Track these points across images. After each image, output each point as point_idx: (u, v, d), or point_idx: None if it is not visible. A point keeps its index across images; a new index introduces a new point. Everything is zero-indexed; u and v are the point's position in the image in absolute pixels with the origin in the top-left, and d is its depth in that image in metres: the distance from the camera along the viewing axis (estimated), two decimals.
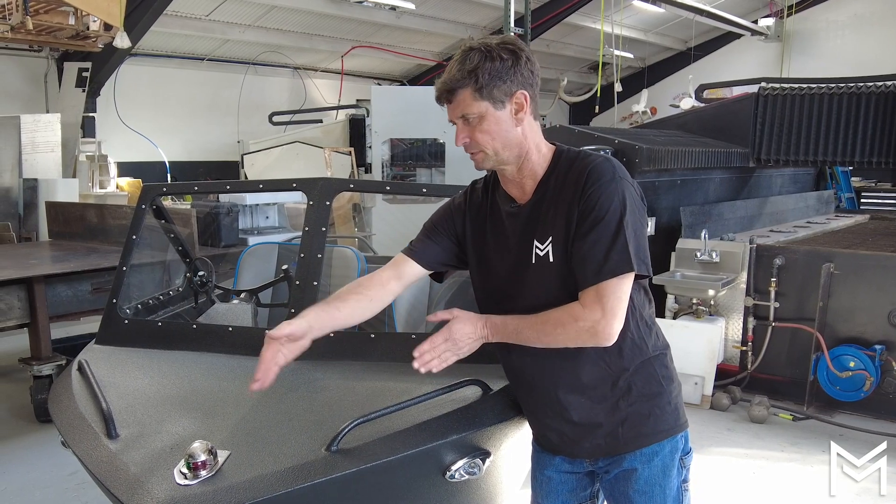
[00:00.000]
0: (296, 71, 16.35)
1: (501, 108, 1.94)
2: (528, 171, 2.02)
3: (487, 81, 1.90)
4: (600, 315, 1.88)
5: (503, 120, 1.95)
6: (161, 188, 3.37)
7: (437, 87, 1.99)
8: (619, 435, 2.04)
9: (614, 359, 2.00)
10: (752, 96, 7.32)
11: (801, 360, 5.49)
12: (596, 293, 1.88)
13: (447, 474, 2.05)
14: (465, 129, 1.98)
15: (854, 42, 16.83)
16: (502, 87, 1.92)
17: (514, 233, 2.06)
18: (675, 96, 15.43)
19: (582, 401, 2.03)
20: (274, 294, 3.72)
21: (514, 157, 2.00)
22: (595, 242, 1.88)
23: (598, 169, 1.92)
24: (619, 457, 2.07)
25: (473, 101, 1.93)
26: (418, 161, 11.17)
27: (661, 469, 2.06)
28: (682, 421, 2.11)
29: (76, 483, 4.16)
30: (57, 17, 8.69)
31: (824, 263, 5.38)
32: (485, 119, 1.94)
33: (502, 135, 1.96)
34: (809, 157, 7.07)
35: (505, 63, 1.92)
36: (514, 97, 1.95)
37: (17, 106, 11.52)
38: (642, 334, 2.04)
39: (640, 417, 2.03)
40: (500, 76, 1.91)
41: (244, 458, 1.83)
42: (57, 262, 5.72)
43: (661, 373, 2.07)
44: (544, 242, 1.98)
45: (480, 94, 1.92)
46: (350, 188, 4.55)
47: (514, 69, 1.93)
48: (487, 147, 1.97)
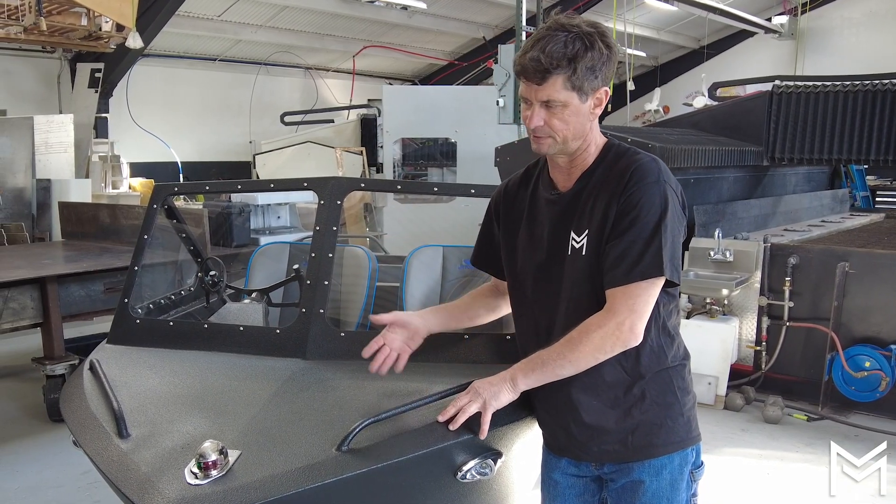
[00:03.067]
0: (307, 71, 16.39)
1: (585, 100, 1.91)
2: (579, 161, 2.01)
3: (584, 73, 1.86)
4: (626, 315, 1.85)
5: (582, 112, 1.93)
6: (172, 188, 3.37)
7: (527, 62, 1.87)
8: (629, 442, 2.00)
9: (632, 363, 1.96)
10: (765, 94, 7.26)
11: (815, 360, 5.44)
12: (624, 293, 1.86)
13: (458, 475, 2.04)
14: (541, 112, 1.91)
15: (869, 39, 16.68)
16: (593, 82, 1.89)
17: (550, 221, 2.03)
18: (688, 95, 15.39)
19: (594, 403, 1.99)
20: (285, 294, 3.71)
21: (576, 149, 1.98)
22: (631, 243, 1.86)
23: (643, 168, 1.90)
24: (626, 465, 2.03)
25: (563, 89, 1.87)
26: (430, 160, 11.18)
27: (669, 482, 2.01)
28: (694, 434, 2.06)
29: (88, 482, 4.18)
30: (69, 18, 8.74)
31: (839, 262, 5.34)
32: (567, 108, 1.90)
33: (577, 126, 1.93)
34: (824, 156, 7.00)
35: (602, 56, 1.88)
36: (598, 93, 1.93)
37: (30, 107, 11.59)
38: (662, 343, 2.00)
39: (652, 427, 1.99)
40: (595, 70, 1.88)
41: (255, 458, 1.82)
42: (70, 262, 5.75)
43: (678, 384, 2.02)
44: (581, 234, 1.95)
45: (572, 83, 1.87)
46: (361, 187, 4.55)
47: (607, 64, 1.90)
48: (559, 135, 1.93)
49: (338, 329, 2.74)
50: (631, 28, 14.77)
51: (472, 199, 2.94)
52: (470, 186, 2.92)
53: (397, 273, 3.79)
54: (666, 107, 16.03)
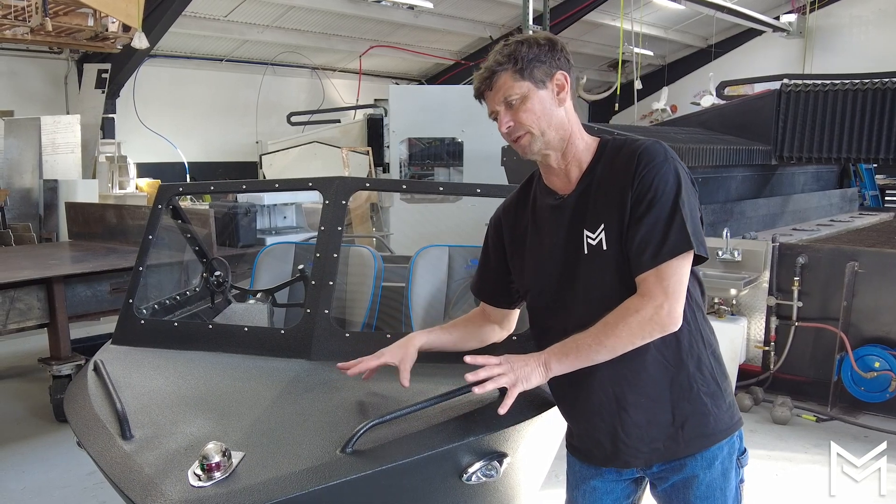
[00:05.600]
0: (314, 71, 16.40)
1: (543, 87, 1.93)
2: (572, 157, 1.99)
3: (527, 63, 1.91)
4: (663, 298, 1.82)
5: (546, 99, 1.93)
6: (177, 188, 3.36)
7: (475, 78, 1.98)
8: (680, 437, 1.95)
9: (672, 351, 1.92)
10: (774, 93, 7.23)
11: (824, 360, 5.40)
12: (656, 276, 1.83)
13: (464, 477, 2.02)
14: (507, 113, 1.94)
15: (878, 37, 16.61)
16: (542, 68, 1.92)
17: (560, 226, 2.00)
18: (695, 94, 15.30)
19: (642, 400, 1.93)
20: (291, 294, 3.70)
21: (559, 141, 1.96)
22: (652, 225, 1.84)
23: (649, 151, 1.89)
24: (677, 462, 1.98)
25: (514, 83, 1.91)
26: (436, 160, 11.16)
27: (721, 473, 1.98)
28: (737, 418, 2.03)
29: (94, 482, 4.17)
30: (76, 18, 8.76)
31: (848, 262, 5.29)
32: (528, 98, 1.92)
33: (546, 113, 1.94)
34: (833, 155, 6.97)
35: (542, 48, 1.93)
36: (555, 78, 1.94)
37: (37, 107, 11.63)
38: (699, 323, 1.97)
39: (701, 417, 1.95)
40: (539, 58, 1.92)
41: (258, 460, 1.81)
42: (76, 263, 5.76)
43: (717, 369, 1.99)
44: (596, 230, 1.93)
45: (521, 74, 1.91)
46: (366, 187, 4.54)
47: (550, 53, 1.94)
48: (533, 126, 1.93)
49: (343, 329, 2.73)
50: (638, 27, 14.74)
51: (479, 198, 2.93)
52: (476, 186, 2.91)
53: (403, 273, 3.78)
54: (674, 106, 15.97)
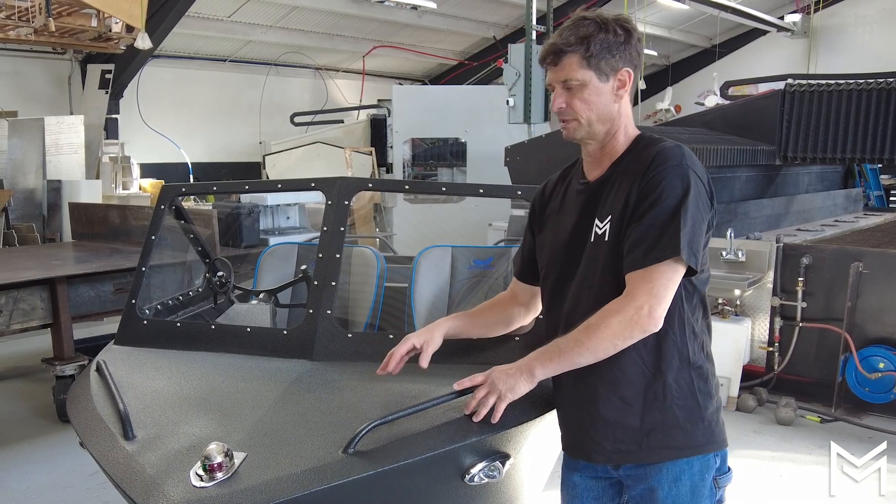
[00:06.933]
0: (317, 71, 16.40)
1: (605, 80, 1.93)
2: (609, 149, 2.01)
3: (597, 52, 1.90)
4: (645, 299, 1.82)
5: (604, 93, 1.94)
6: (180, 188, 3.36)
7: (544, 47, 1.98)
8: (644, 444, 1.95)
9: (652, 356, 1.92)
10: (778, 93, 7.20)
11: (828, 361, 5.38)
12: (643, 276, 1.84)
13: (466, 477, 2.01)
14: (563, 94, 1.96)
15: (883, 37, 16.54)
16: (610, 61, 1.92)
17: (576, 209, 2.04)
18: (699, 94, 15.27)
19: (613, 398, 1.95)
20: (293, 294, 3.70)
21: (604, 133, 1.98)
22: (649, 226, 1.85)
23: (665, 153, 1.90)
24: (643, 468, 1.98)
25: (579, 69, 1.91)
26: (440, 161, 11.18)
27: (689, 489, 1.96)
28: (717, 440, 2.00)
29: (97, 483, 4.17)
30: (79, 19, 8.78)
31: (853, 262, 5.28)
32: (586, 88, 1.93)
33: (600, 107, 1.94)
34: (837, 155, 6.94)
35: (618, 38, 1.92)
36: (619, 73, 1.94)
37: (41, 108, 11.65)
38: (686, 339, 1.96)
39: (670, 429, 1.94)
40: (611, 49, 1.91)
41: (260, 461, 1.81)
42: (79, 263, 5.76)
43: (699, 386, 1.98)
44: (604, 221, 1.95)
45: (588, 62, 1.91)
46: (369, 187, 4.54)
47: (624, 46, 1.93)
48: (583, 116, 1.95)
49: (345, 330, 2.73)
50: (642, 27, 14.69)
51: (483, 199, 2.92)
52: (479, 186, 2.90)
53: (406, 273, 3.77)
54: (678, 106, 15.92)
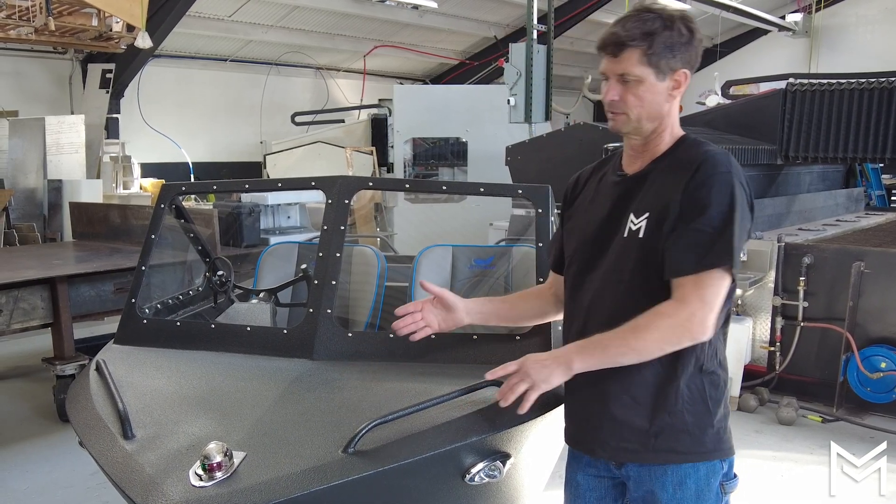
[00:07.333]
0: (318, 71, 16.38)
1: (661, 79, 1.92)
2: (652, 146, 2.00)
3: (660, 50, 1.88)
4: (698, 306, 1.81)
5: (659, 91, 1.93)
6: (180, 187, 3.35)
7: (605, 36, 1.95)
8: (651, 445, 1.94)
9: (668, 358, 1.89)
10: (779, 92, 7.18)
11: (830, 360, 5.37)
12: (695, 283, 1.82)
13: (467, 477, 2.01)
14: (617, 87, 1.93)
15: (884, 36, 16.52)
16: (670, 61, 1.90)
17: (610, 200, 2.03)
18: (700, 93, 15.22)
19: (625, 396, 1.94)
20: (294, 294, 3.69)
21: (650, 131, 1.97)
22: (702, 231, 1.83)
23: (715, 159, 1.89)
24: (646, 469, 1.97)
25: (639, 64, 1.89)
26: (441, 160, 11.16)
27: (694, 493, 1.95)
28: (725, 447, 1.99)
29: (97, 482, 4.16)
30: (80, 18, 8.75)
31: (854, 262, 5.27)
32: (642, 84, 1.91)
33: (652, 105, 1.93)
34: (839, 154, 6.92)
35: (682, 38, 1.90)
36: (676, 73, 1.93)
37: (42, 107, 11.63)
38: (704, 345, 1.93)
39: (678, 433, 1.93)
40: (672, 49, 1.89)
41: (260, 460, 1.80)
42: (80, 263, 5.76)
43: (710, 393, 1.96)
44: (639, 217, 1.94)
45: (648, 59, 1.89)
46: (369, 186, 4.54)
47: (686, 46, 1.91)
48: (633, 111, 1.93)
49: (345, 329, 2.72)
50: None
51: (484, 198, 2.92)
52: (479, 185, 2.89)
53: (407, 273, 3.77)
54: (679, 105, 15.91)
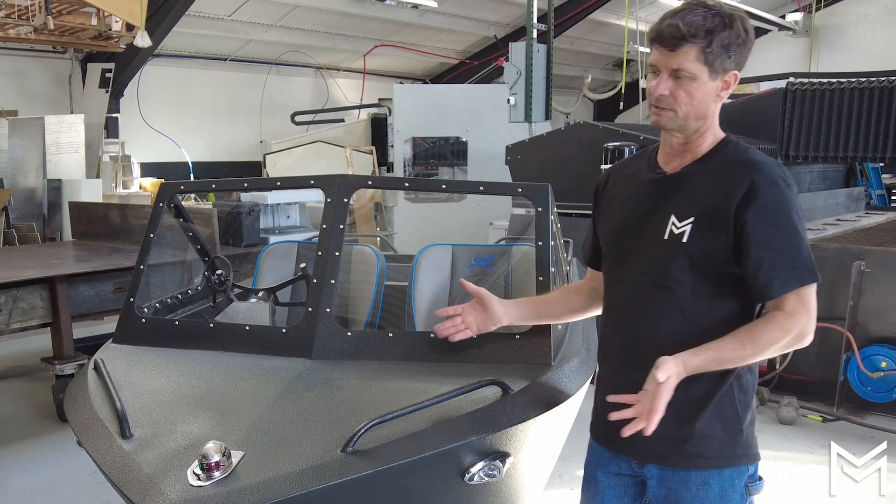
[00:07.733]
0: (318, 70, 16.37)
1: (714, 78, 1.89)
2: (693, 146, 1.97)
3: (717, 49, 1.86)
4: (807, 318, 1.86)
5: (709, 91, 1.90)
6: (179, 186, 3.35)
7: (663, 28, 1.88)
8: (680, 451, 1.94)
9: None
10: (779, 92, 7.20)
11: (831, 360, 5.36)
12: (798, 297, 1.86)
13: (466, 477, 2.00)
14: (668, 81, 1.90)
15: (884, 36, 16.53)
16: (725, 61, 1.88)
17: (647, 198, 2.01)
18: None
19: None
20: (293, 293, 3.69)
21: (693, 130, 1.95)
22: (785, 249, 1.85)
23: (774, 172, 1.89)
24: (670, 471, 1.97)
25: (695, 61, 1.86)
26: (441, 160, 11.15)
27: (718, 493, 1.96)
28: (752, 452, 2.02)
29: (97, 482, 4.16)
30: (79, 17, 8.75)
31: (855, 261, 5.26)
32: (695, 82, 1.88)
33: (700, 104, 1.91)
34: (839, 154, 6.94)
35: (739, 38, 1.88)
36: (727, 74, 1.91)
37: (41, 107, 11.63)
38: None
39: (708, 439, 1.94)
40: (729, 50, 1.87)
41: (258, 459, 1.80)
42: (79, 262, 5.75)
43: (739, 397, 1.98)
44: (684, 220, 1.92)
45: (705, 58, 1.86)
46: (368, 185, 4.53)
47: (741, 47, 1.89)
48: (682, 108, 1.90)
49: (345, 328, 2.71)
50: (644, 26, 14.64)
51: (483, 198, 2.91)
52: (479, 183, 2.89)
53: (406, 272, 3.76)
54: None
